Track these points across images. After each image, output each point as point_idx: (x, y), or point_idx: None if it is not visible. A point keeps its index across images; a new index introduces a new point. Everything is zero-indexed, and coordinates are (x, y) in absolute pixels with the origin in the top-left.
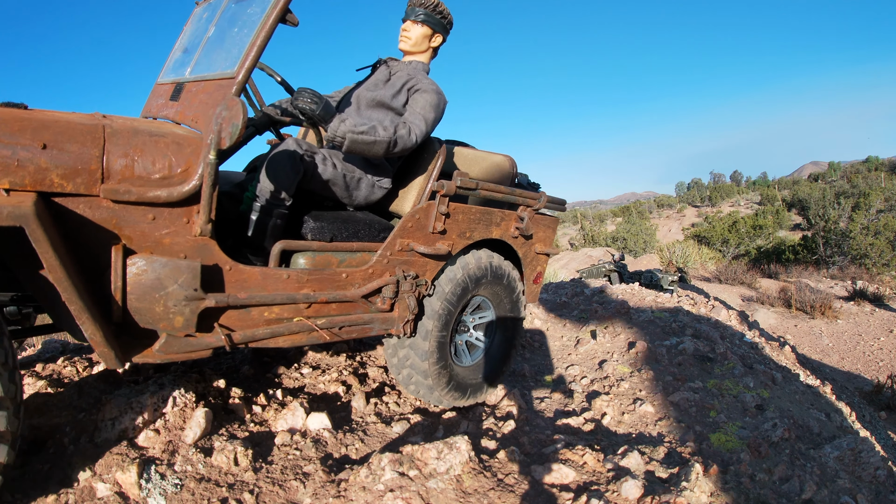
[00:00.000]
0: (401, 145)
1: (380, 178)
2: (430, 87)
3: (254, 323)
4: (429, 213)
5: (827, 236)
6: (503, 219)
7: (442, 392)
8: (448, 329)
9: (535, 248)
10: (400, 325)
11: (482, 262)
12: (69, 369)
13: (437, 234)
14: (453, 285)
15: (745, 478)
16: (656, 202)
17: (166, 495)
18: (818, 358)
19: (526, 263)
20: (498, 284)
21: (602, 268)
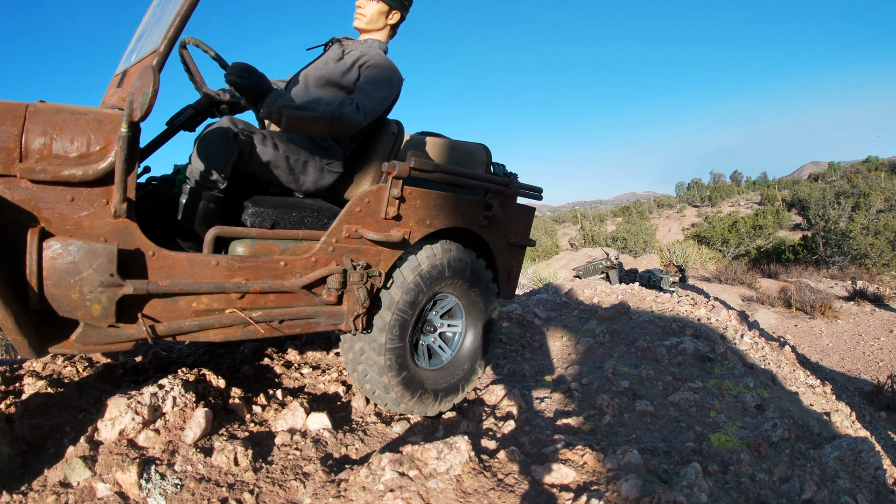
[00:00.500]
0: (346, 123)
1: (329, 161)
2: (382, 63)
3: (181, 314)
4: (380, 196)
5: (827, 236)
6: (469, 206)
7: (400, 394)
8: (408, 326)
9: (508, 239)
10: (350, 320)
11: (447, 255)
12: (69, 369)
13: (391, 220)
14: (414, 278)
15: (745, 478)
16: (656, 202)
17: (166, 495)
18: (818, 358)
19: (499, 256)
20: (466, 280)
21: (599, 265)
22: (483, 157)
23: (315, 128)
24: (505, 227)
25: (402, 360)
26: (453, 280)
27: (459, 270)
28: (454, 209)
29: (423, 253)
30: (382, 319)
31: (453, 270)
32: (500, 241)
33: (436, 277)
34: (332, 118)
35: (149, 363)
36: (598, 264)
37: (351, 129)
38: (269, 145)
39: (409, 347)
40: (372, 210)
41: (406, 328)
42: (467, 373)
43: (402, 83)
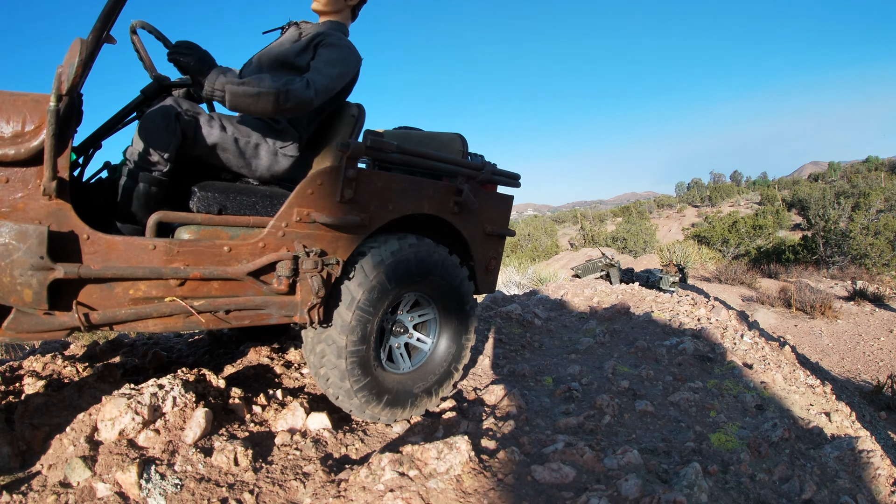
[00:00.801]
0: (294, 100)
1: (284, 144)
2: (338, 41)
3: (117, 302)
4: (334, 177)
5: (827, 236)
6: (437, 191)
7: (365, 401)
8: (371, 327)
9: (484, 228)
10: (304, 312)
11: (417, 248)
12: (69, 369)
13: (347, 203)
14: (378, 273)
15: (745, 478)
16: (656, 202)
17: (166, 495)
18: (818, 358)
19: (474, 246)
20: (437, 275)
21: (598, 263)
22: (458, 146)
23: (260, 105)
24: (479, 215)
25: (365, 364)
26: (424, 276)
27: (431, 265)
28: (420, 194)
29: (389, 245)
30: (342, 318)
31: (424, 265)
32: (475, 230)
33: (403, 273)
34: (278, 94)
35: (149, 363)
36: (597, 263)
37: (301, 108)
38: (215, 126)
39: (374, 350)
40: (325, 192)
41: (369, 328)
42: (441, 378)
43: (359, 63)
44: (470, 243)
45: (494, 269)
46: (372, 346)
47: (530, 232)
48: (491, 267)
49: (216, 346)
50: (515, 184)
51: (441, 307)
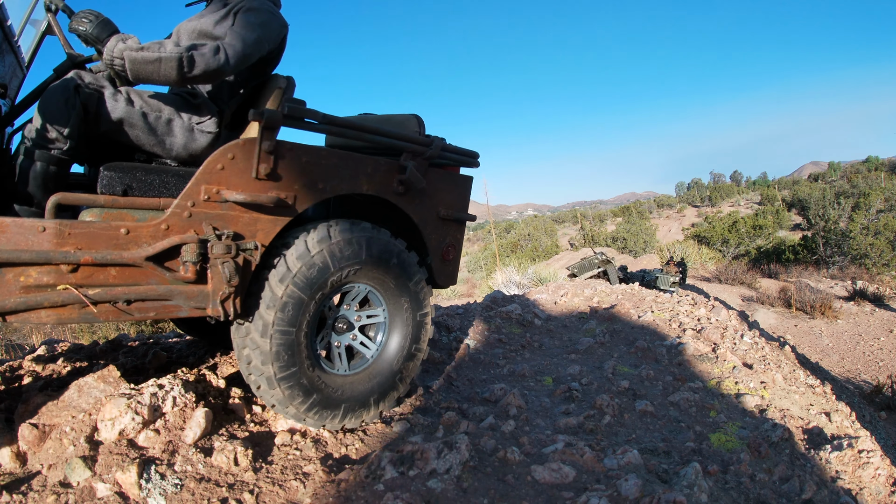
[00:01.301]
0: (202, 65)
1: (201, 119)
2: (259, 6)
3: (7, 289)
4: (248, 151)
5: (827, 236)
6: (378, 168)
7: (289, 395)
8: (301, 323)
9: (438, 212)
10: (217, 303)
11: (355, 234)
12: (69, 369)
13: (265, 180)
14: (306, 262)
15: (745, 478)
16: (656, 202)
17: (166, 495)
18: (818, 358)
19: (427, 232)
20: (383, 266)
21: (594, 261)
22: (414, 127)
23: (163, 73)
24: (432, 197)
25: (293, 350)
26: (364, 266)
27: (372, 253)
28: (356, 171)
29: (319, 231)
30: (264, 316)
31: (362, 253)
32: (427, 213)
33: (338, 261)
34: (181, 59)
35: (149, 363)
36: (592, 260)
37: (211, 75)
38: (120, 100)
39: (306, 339)
40: (238, 167)
41: (297, 326)
42: (383, 388)
43: (283, 29)
44: (421, 229)
45: (454, 259)
46: (303, 332)
47: (530, 232)
48: (449, 256)
49: (217, 346)
50: (473, 163)
51: (388, 302)
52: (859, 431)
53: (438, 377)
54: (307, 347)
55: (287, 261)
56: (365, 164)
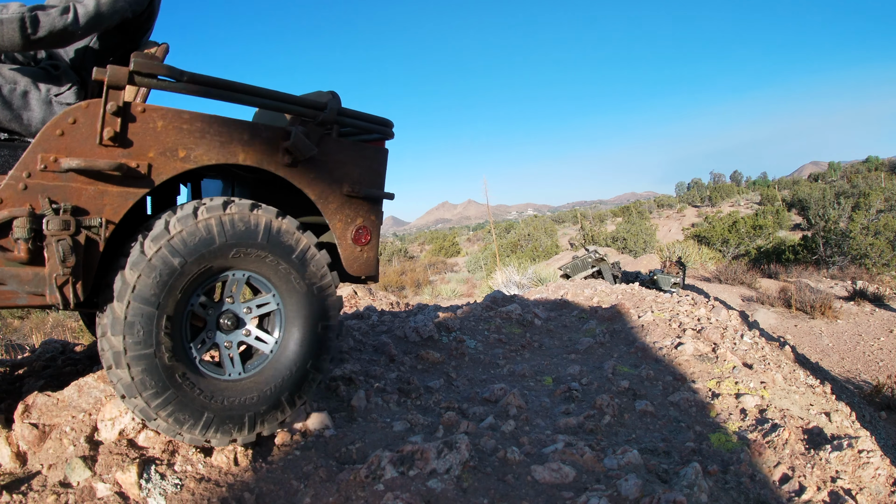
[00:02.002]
0: (47, 26)
1: (60, 90)
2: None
3: None
4: (92, 113)
5: (827, 236)
6: (256, 135)
7: (174, 421)
8: (164, 320)
9: (342, 188)
10: (55, 289)
11: (231, 213)
12: (69, 369)
13: (113, 146)
14: (164, 245)
15: (745, 478)
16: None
17: (166, 495)
18: (818, 358)
19: (330, 211)
20: (273, 252)
21: (587, 259)
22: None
23: (6, 37)
24: (333, 170)
25: (161, 372)
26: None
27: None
28: (230, 138)
29: (183, 210)
30: (115, 308)
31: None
32: (327, 190)
33: (205, 244)
34: (23, 20)
35: None
36: (586, 259)
37: (59, 37)
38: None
39: (176, 351)
40: (82, 133)
41: (157, 321)
42: (295, 382)
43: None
44: (321, 207)
45: (369, 244)
46: (168, 346)
47: (530, 232)
48: (362, 239)
49: None
50: (383, 130)
51: (285, 294)
52: (859, 431)
53: (438, 377)
54: (172, 346)
55: (143, 245)
56: (240, 130)
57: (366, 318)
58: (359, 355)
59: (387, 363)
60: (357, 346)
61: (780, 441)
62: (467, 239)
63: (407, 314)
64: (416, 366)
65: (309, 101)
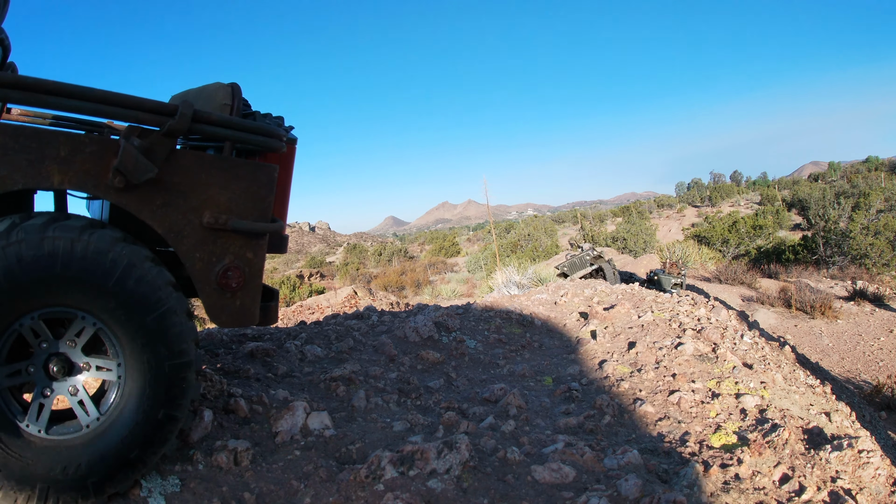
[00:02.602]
0: None
1: None
2: None
3: None
4: None
5: (827, 236)
6: (78, 150)
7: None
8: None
9: (202, 217)
10: None
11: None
12: None
13: None
14: None
15: (745, 478)
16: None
17: (166, 495)
18: (818, 358)
19: (185, 249)
20: (97, 284)
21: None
22: (222, 99)
23: None
24: (189, 195)
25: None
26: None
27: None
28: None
29: None
30: None
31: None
32: (179, 219)
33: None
34: None
35: None
36: (584, 257)
37: None
38: None
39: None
40: None
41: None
42: (119, 455)
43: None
44: (171, 242)
45: (242, 289)
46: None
47: (530, 232)
48: (231, 283)
49: (216, 345)
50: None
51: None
52: (859, 431)
53: (438, 377)
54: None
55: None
56: (55, 145)
57: (366, 318)
58: (359, 355)
59: (387, 363)
60: (357, 346)
61: (780, 441)
62: (467, 239)
63: (407, 314)
64: (416, 366)
65: (150, 106)
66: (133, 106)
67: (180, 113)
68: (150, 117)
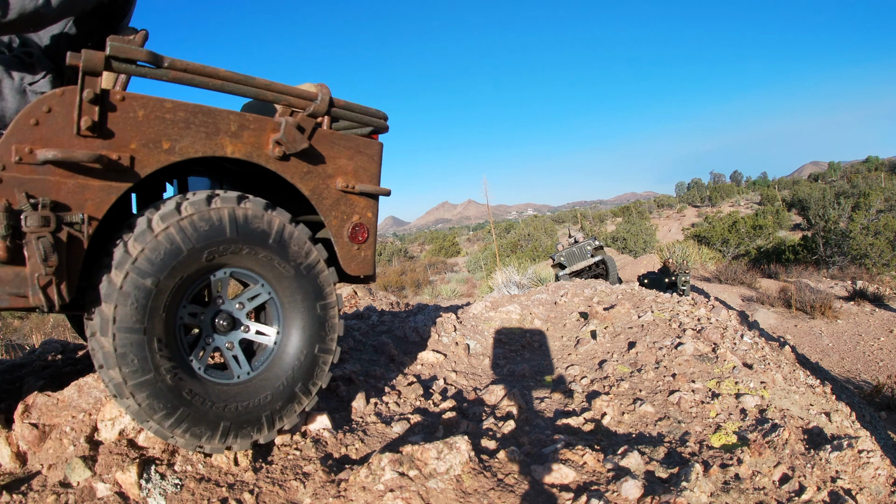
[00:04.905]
0: (17, 7)
1: (34, 78)
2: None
3: None
4: (68, 102)
5: (827, 236)
6: (244, 126)
7: (163, 424)
8: (154, 319)
9: (335, 182)
10: (38, 290)
11: (211, 207)
12: (69, 369)
13: (91, 136)
14: (148, 244)
15: (745, 478)
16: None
17: (166, 495)
18: (818, 358)
19: (325, 208)
20: (265, 248)
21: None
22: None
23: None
24: (326, 165)
25: (151, 375)
26: (233, 244)
27: (239, 228)
28: (216, 129)
29: (167, 206)
30: (103, 310)
31: (225, 228)
32: (320, 184)
33: (194, 241)
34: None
35: None
36: (584, 247)
37: (29, 19)
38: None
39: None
40: (58, 122)
41: (146, 322)
42: (282, 397)
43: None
44: (315, 203)
45: (366, 242)
46: (156, 330)
47: (530, 232)
48: (358, 237)
49: None
50: (377, 123)
51: (281, 293)
52: (859, 431)
53: (438, 377)
54: (168, 348)
55: (126, 243)
56: (227, 121)
57: (366, 318)
58: (359, 355)
59: (387, 363)
60: (357, 346)
61: (780, 441)
62: (467, 239)
63: (407, 314)
64: (417, 366)
65: (300, 91)
66: (287, 92)
67: (321, 97)
68: (299, 101)
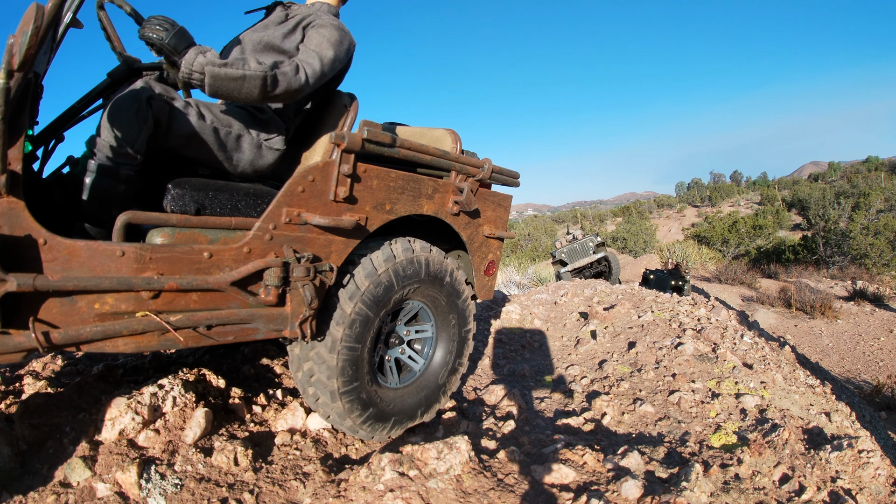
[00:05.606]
0: (283, 85)
1: (269, 136)
2: (329, 22)
3: (81, 318)
4: (327, 173)
5: (827, 236)
6: (437, 190)
7: (357, 421)
8: (366, 340)
9: (483, 230)
10: (296, 326)
11: (414, 254)
12: (69, 369)
13: (342, 202)
14: (372, 281)
15: (745, 478)
16: (656, 202)
17: (166, 495)
18: (818, 358)
19: (473, 250)
20: (437, 285)
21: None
22: (451, 144)
23: (245, 91)
24: (478, 216)
25: (357, 366)
26: (422, 284)
27: (430, 272)
28: (419, 193)
29: (384, 250)
30: (333, 332)
31: (422, 271)
32: (474, 232)
33: (401, 280)
34: (265, 78)
35: (149, 363)
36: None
37: (291, 95)
38: (192, 113)
39: (368, 366)
40: (318, 190)
41: (363, 342)
42: (430, 398)
43: (353, 47)
44: (469, 247)
45: (493, 274)
46: (367, 348)
47: (530, 232)
48: (490, 271)
49: (216, 346)
50: (514, 182)
51: (438, 318)
52: (859, 431)
53: None
54: (368, 363)
55: (356, 279)
56: (426, 185)
57: None
58: None
59: None
60: None
61: (780, 441)
62: None
63: None
64: None
65: (473, 162)
66: (467, 163)
67: (486, 167)
68: (473, 170)
